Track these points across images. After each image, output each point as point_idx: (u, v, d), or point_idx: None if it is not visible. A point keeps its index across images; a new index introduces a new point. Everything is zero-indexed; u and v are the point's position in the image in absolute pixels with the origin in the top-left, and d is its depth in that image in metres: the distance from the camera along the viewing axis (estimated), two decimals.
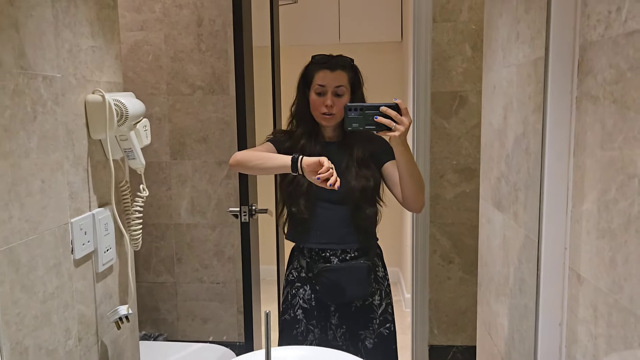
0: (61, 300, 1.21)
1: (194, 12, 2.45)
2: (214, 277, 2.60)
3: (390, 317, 1.75)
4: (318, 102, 1.64)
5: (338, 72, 1.64)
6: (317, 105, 1.65)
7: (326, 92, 1.63)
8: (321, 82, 1.63)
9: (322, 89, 1.63)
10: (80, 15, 1.31)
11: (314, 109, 1.66)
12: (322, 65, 1.65)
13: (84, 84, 1.32)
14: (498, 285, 1.38)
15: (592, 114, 0.86)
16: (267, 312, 1.07)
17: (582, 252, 0.90)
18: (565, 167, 0.94)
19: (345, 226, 1.67)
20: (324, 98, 1.63)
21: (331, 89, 1.63)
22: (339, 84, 1.63)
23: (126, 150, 1.45)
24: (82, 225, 1.29)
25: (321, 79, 1.63)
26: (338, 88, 1.63)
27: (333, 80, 1.63)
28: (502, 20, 1.31)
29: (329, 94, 1.63)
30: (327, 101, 1.62)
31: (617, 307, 0.79)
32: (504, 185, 1.32)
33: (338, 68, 1.64)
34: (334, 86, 1.63)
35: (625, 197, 0.76)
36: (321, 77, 1.64)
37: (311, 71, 1.67)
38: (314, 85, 1.65)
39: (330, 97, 1.62)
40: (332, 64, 1.65)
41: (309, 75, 1.68)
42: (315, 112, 1.66)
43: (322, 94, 1.64)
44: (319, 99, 1.64)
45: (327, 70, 1.64)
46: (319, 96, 1.64)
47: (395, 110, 1.39)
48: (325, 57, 1.68)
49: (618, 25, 0.78)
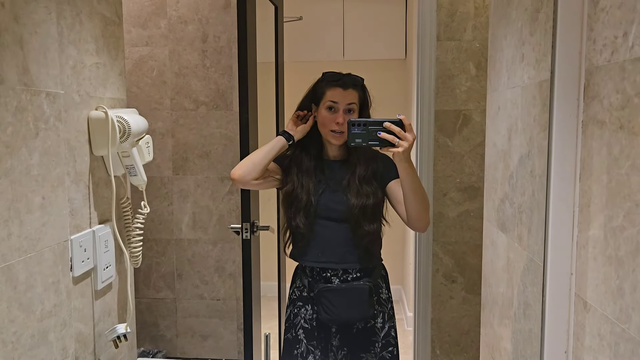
0: (59, 319, 1.20)
1: (199, 28, 2.46)
2: (215, 293, 2.58)
3: (393, 340, 1.72)
4: (329, 118, 1.63)
5: (350, 91, 1.64)
6: (327, 122, 1.63)
7: (338, 110, 1.62)
8: (334, 99, 1.62)
9: (334, 105, 1.62)
10: (85, 32, 1.31)
11: (323, 126, 1.64)
12: (335, 82, 1.64)
13: (87, 100, 1.32)
14: (502, 308, 1.36)
15: (599, 139, 0.85)
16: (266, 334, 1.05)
17: (589, 278, 0.89)
18: (572, 191, 0.93)
19: (345, 245, 1.65)
20: (336, 115, 1.62)
21: (343, 107, 1.62)
22: (351, 101, 1.63)
23: (128, 167, 1.45)
24: (82, 242, 1.28)
25: (334, 96, 1.62)
26: (350, 105, 1.63)
27: (345, 98, 1.62)
28: (507, 41, 1.31)
29: (340, 111, 1.62)
30: (339, 118, 1.61)
31: (624, 337, 0.77)
32: (508, 207, 1.31)
33: (350, 87, 1.64)
34: (346, 103, 1.62)
35: (632, 224, 0.75)
36: (334, 94, 1.63)
37: (322, 87, 1.66)
38: (325, 102, 1.63)
39: (341, 115, 1.61)
40: (344, 82, 1.64)
41: (319, 92, 1.67)
42: (323, 129, 1.65)
43: (333, 111, 1.63)
44: (330, 116, 1.63)
45: (339, 87, 1.63)
46: (330, 112, 1.63)
47: (399, 126, 1.38)
48: (337, 74, 1.67)
49: (625, 50, 0.77)
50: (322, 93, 1.65)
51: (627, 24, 0.77)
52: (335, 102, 1.62)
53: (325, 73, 1.70)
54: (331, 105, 1.62)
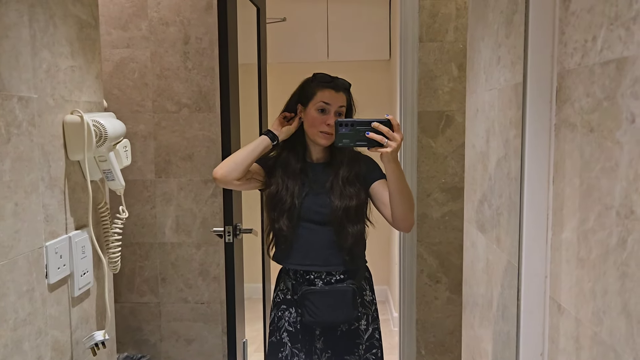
0: (34, 327, 1.18)
1: (181, 29, 2.45)
2: (199, 297, 2.56)
3: (377, 342, 1.72)
4: (319, 119, 1.62)
5: (341, 94, 1.65)
6: (317, 123, 1.62)
7: (329, 111, 1.62)
8: (326, 100, 1.62)
9: (326, 106, 1.62)
10: (59, 35, 1.29)
11: (313, 126, 1.64)
12: (328, 84, 1.64)
13: (62, 104, 1.30)
14: (482, 310, 1.36)
15: (571, 142, 0.85)
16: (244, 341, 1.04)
17: (562, 281, 0.89)
18: (545, 194, 0.93)
19: (329, 248, 1.65)
20: (327, 117, 1.62)
21: (335, 108, 1.62)
22: (342, 104, 1.64)
23: (105, 172, 1.43)
24: (57, 249, 1.26)
25: (326, 97, 1.62)
26: (340, 108, 1.63)
27: (337, 100, 1.63)
28: (484, 43, 1.31)
29: (331, 113, 1.62)
30: (330, 120, 1.61)
31: (597, 340, 0.77)
32: (486, 209, 1.31)
33: (341, 90, 1.65)
34: (338, 105, 1.63)
35: (603, 227, 0.75)
36: (326, 95, 1.62)
37: (312, 88, 1.65)
38: (317, 102, 1.63)
39: (332, 116, 1.61)
40: (336, 85, 1.65)
41: (309, 92, 1.66)
42: (312, 129, 1.64)
43: (324, 112, 1.62)
44: (321, 117, 1.62)
45: (332, 89, 1.63)
46: (320, 113, 1.62)
47: (387, 126, 1.38)
48: (329, 77, 1.67)
49: (594, 54, 0.77)
50: (313, 93, 1.64)
51: (596, 28, 0.77)
52: (328, 104, 1.62)
53: (316, 74, 1.69)
54: (323, 106, 1.62)
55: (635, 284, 0.68)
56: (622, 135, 0.70)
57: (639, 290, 0.67)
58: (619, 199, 0.71)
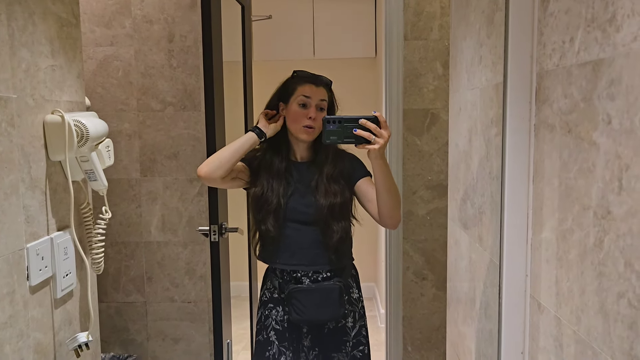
0: (15, 330, 1.16)
1: (165, 27, 2.43)
2: (185, 296, 2.55)
3: (364, 339, 1.73)
4: (301, 113, 1.62)
5: (321, 89, 1.65)
6: (298, 117, 1.62)
7: (310, 105, 1.62)
8: (306, 93, 1.62)
9: (307, 100, 1.62)
10: (38, 34, 1.27)
11: (295, 122, 1.63)
12: (308, 79, 1.65)
13: (42, 104, 1.29)
14: (465, 307, 1.37)
15: (550, 143, 0.86)
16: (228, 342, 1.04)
17: (542, 280, 0.90)
18: (525, 193, 0.94)
19: (315, 247, 1.65)
20: (308, 110, 1.62)
21: (315, 102, 1.62)
22: (323, 98, 1.64)
23: (87, 172, 1.42)
24: (39, 250, 1.25)
25: (306, 91, 1.62)
26: (322, 102, 1.64)
27: (318, 94, 1.63)
28: (466, 43, 1.32)
29: (312, 106, 1.62)
30: (311, 113, 1.61)
31: (575, 338, 0.78)
32: (469, 208, 1.32)
33: (321, 85, 1.66)
34: (318, 99, 1.63)
35: (581, 227, 0.76)
36: (306, 89, 1.63)
37: (293, 84, 1.66)
38: (297, 97, 1.63)
39: (314, 110, 1.61)
40: (317, 80, 1.66)
41: (289, 89, 1.66)
42: (295, 125, 1.64)
43: (305, 106, 1.62)
44: (302, 111, 1.62)
45: (312, 84, 1.64)
46: (302, 108, 1.62)
47: (375, 123, 1.38)
48: (309, 73, 1.69)
49: (572, 55, 0.78)
50: (293, 89, 1.64)
51: (573, 29, 0.77)
52: (308, 97, 1.62)
53: (297, 71, 1.70)
54: (304, 100, 1.62)
55: (611, 283, 0.68)
56: (598, 137, 0.71)
57: (615, 289, 0.68)
58: (595, 199, 0.72)
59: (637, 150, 0.62)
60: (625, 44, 0.65)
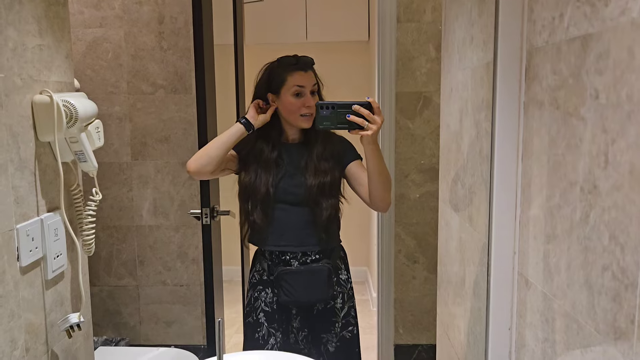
0: (5, 310, 1.16)
1: (155, 9, 2.40)
2: (178, 279, 2.56)
3: (353, 320, 1.74)
4: (297, 104, 1.61)
5: (310, 72, 1.64)
6: (296, 108, 1.61)
7: (305, 93, 1.61)
8: (300, 83, 1.61)
9: (301, 89, 1.61)
10: (25, 12, 1.26)
11: (291, 112, 1.62)
12: (295, 66, 1.63)
13: (30, 84, 1.27)
14: (455, 287, 1.39)
15: (538, 120, 0.86)
16: (219, 320, 1.04)
17: (530, 257, 0.91)
18: (514, 171, 0.95)
19: (304, 228, 1.65)
20: (304, 99, 1.61)
21: (309, 89, 1.61)
22: (314, 82, 1.63)
23: (77, 153, 1.40)
24: (29, 231, 1.24)
25: (298, 80, 1.61)
26: (314, 87, 1.63)
27: (309, 80, 1.62)
28: (458, 22, 1.31)
29: (307, 94, 1.61)
30: (308, 102, 1.60)
31: (560, 312, 0.79)
32: (460, 188, 1.32)
33: (309, 68, 1.64)
34: (311, 85, 1.62)
35: (567, 203, 0.77)
36: (297, 79, 1.61)
37: (282, 73, 1.63)
38: (290, 88, 1.61)
39: (309, 97, 1.61)
40: (304, 65, 1.63)
41: (277, 79, 1.64)
42: (292, 115, 1.63)
43: (300, 95, 1.61)
44: (298, 101, 1.61)
45: (301, 71, 1.62)
46: (297, 97, 1.61)
47: (368, 109, 1.38)
48: (294, 58, 1.65)
49: (561, 31, 0.78)
50: (283, 80, 1.62)
51: (563, 5, 0.77)
52: (302, 86, 1.61)
53: (281, 58, 1.67)
54: (298, 90, 1.61)
55: (596, 257, 0.69)
56: (586, 112, 0.71)
57: (600, 262, 0.68)
58: (582, 174, 0.72)
59: (623, 124, 0.63)
60: (614, 17, 0.65)
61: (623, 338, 0.63)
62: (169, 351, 2.20)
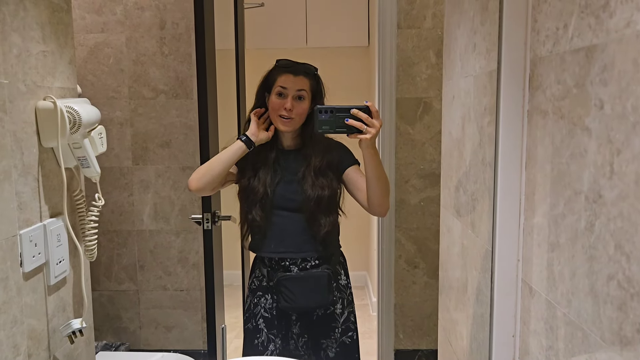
0: (8, 316, 1.16)
1: (157, 14, 2.41)
2: (178, 284, 2.56)
3: (353, 325, 1.74)
4: (278, 104, 1.61)
5: (301, 78, 1.63)
6: (276, 107, 1.62)
7: (287, 95, 1.61)
8: (283, 84, 1.61)
9: (283, 90, 1.61)
10: (29, 19, 1.26)
11: (273, 111, 1.63)
12: (286, 69, 1.63)
13: (34, 90, 1.27)
14: (457, 293, 1.39)
15: (542, 128, 0.87)
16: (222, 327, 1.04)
17: (534, 264, 0.91)
18: (518, 179, 0.95)
19: (302, 234, 1.65)
20: (284, 100, 1.61)
21: (292, 93, 1.61)
22: (301, 87, 1.62)
23: (80, 159, 1.41)
24: (32, 237, 1.24)
25: (283, 82, 1.61)
26: (299, 92, 1.61)
27: (295, 84, 1.61)
28: (460, 30, 1.32)
29: (289, 97, 1.61)
30: (287, 104, 1.60)
31: (565, 320, 0.80)
32: (462, 195, 1.33)
33: (301, 74, 1.63)
34: (295, 89, 1.61)
35: (572, 212, 0.77)
36: (283, 80, 1.62)
37: (273, 75, 1.65)
38: (275, 87, 1.62)
39: (290, 100, 1.60)
40: (295, 69, 1.63)
41: (270, 79, 1.65)
42: (273, 114, 1.63)
43: (282, 96, 1.62)
44: (279, 101, 1.61)
45: (290, 74, 1.62)
46: (279, 98, 1.62)
47: (366, 113, 1.39)
48: (289, 62, 1.66)
49: (565, 41, 0.78)
50: (274, 80, 1.64)
51: (567, 16, 0.78)
52: (285, 88, 1.61)
53: (278, 60, 1.68)
54: (280, 91, 1.61)
55: (602, 266, 0.70)
56: (590, 122, 0.72)
57: (605, 272, 0.69)
58: (587, 184, 0.73)
59: (629, 135, 0.63)
60: (619, 29, 0.65)
61: (629, 347, 0.63)
62: (169, 356, 2.20)
